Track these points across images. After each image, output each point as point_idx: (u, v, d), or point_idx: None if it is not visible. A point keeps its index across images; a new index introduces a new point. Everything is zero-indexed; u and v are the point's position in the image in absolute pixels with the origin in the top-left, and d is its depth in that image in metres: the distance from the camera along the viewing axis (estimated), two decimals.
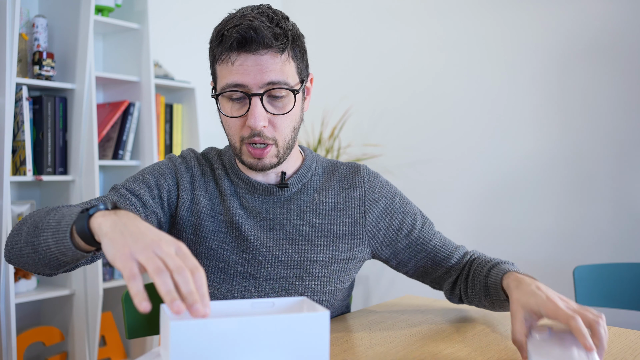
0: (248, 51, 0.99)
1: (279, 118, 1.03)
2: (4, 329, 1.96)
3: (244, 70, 1.00)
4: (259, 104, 1.01)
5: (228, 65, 1.01)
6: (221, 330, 0.67)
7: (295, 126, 1.08)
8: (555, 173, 2.46)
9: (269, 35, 0.99)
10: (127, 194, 1.06)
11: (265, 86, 1.00)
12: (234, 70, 1.00)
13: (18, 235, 0.93)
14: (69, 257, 0.85)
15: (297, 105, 1.06)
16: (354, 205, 1.14)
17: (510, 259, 2.56)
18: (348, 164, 1.20)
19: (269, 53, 1.00)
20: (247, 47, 0.99)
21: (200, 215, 1.11)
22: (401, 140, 2.94)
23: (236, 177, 1.14)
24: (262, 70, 1.00)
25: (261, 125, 1.01)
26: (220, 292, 1.10)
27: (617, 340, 1.03)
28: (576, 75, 2.42)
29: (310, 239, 1.11)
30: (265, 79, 1.00)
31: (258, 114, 1.00)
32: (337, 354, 0.94)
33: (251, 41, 0.98)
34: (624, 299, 1.77)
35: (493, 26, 2.65)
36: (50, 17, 2.29)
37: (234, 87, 1.01)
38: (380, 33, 3.03)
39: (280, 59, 1.01)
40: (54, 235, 0.84)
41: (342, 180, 1.17)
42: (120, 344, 2.44)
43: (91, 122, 2.22)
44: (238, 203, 1.12)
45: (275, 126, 1.04)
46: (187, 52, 2.87)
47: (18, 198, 2.27)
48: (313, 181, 1.16)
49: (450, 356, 0.94)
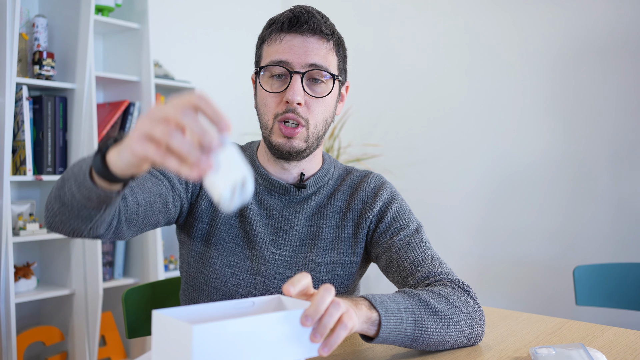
0: (297, 31, 1.05)
1: (315, 101, 1.06)
2: (4, 328, 1.96)
3: (290, 49, 1.05)
4: (299, 81, 1.04)
5: (276, 43, 1.06)
6: (240, 330, 0.68)
7: (327, 119, 1.10)
8: (556, 173, 2.46)
9: (319, 20, 1.06)
10: (158, 174, 1.07)
11: (308, 67, 1.05)
12: (281, 49, 1.05)
13: (50, 195, 0.92)
14: (94, 202, 0.83)
15: (333, 93, 1.09)
16: (357, 209, 1.15)
17: (511, 259, 2.57)
18: (361, 172, 1.21)
19: (315, 37, 1.06)
20: (297, 27, 1.05)
21: (216, 206, 1.12)
22: (401, 140, 2.94)
23: (256, 172, 1.15)
24: (307, 52, 1.05)
25: (298, 99, 1.04)
26: (227, 286, 1.10)
27: (617, 340, 1.03)
28: (576, 75, 2.42)
29: (316, 242, 1.12)
30: (309, 60, 1.05)
31: (297, 88, 1.04)
32: (337, 354, 0.94)
33: (303, 21, 1.04)
34: (624, 299, 1.77)
35: (493, 26, 2.65)
36: (50, 17, 2.29)
37: (278, 63, 1.05)
38: (380, 33, 3.03)
39: (326, 46, 1.07)
40: (76, 181, 0.83)
41: (351, 185, 1.18)
42: (120, 344, 2.44)
43: (91, 121, 2.22)
44: (254, 199, 1.13)
45: (309, 108, 1.06)
46: (187, 52, 2.87)
47: (18, 198, 2.27)
48: (328, 185, 1.17)
49: (450, 356, 0.94)
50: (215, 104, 0.64)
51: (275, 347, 0.70)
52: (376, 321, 0.86)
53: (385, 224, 1.12)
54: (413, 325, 0.89)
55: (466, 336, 0.96)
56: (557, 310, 2.38)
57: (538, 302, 2.48)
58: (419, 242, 1.09)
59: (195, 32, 2.90)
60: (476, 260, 2.68)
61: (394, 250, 1.09)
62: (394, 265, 1.08)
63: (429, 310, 0.92)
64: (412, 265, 1.06)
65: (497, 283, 2.62)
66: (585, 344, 0.98)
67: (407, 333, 0.89)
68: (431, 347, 0.93)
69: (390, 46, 2.99)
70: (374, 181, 1.18)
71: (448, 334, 0.93)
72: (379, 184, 1.18)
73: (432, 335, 0.91)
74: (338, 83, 1.11)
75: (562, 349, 0.88)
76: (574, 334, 1.06)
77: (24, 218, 2.15)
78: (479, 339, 0.99)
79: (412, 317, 0.90)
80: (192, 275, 1.14)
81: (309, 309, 0.73)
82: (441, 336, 0.92)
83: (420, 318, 0.91)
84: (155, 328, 0.71)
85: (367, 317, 0.84)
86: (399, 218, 1.13)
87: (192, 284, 1.14)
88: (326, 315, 0.74)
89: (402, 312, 0.89)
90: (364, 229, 1.14)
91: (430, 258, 1.07)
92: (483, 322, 0.99)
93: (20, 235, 2.08)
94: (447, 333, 0.93)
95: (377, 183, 1.18)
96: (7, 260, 1.96)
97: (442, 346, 0.94)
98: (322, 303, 0.73)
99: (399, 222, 1.12)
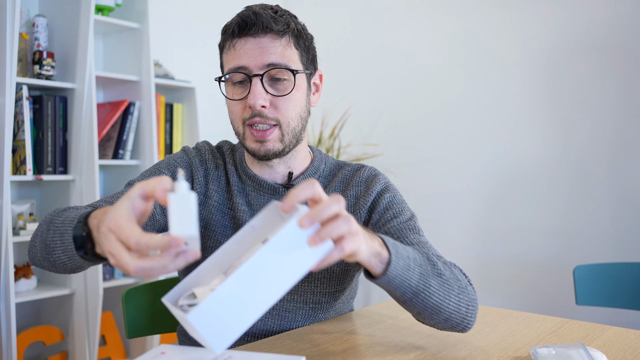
0: (248, 34, 1.03)
1: (280, 100, 1.05)
2: (4, 328, 1.96)
3: (245, 53, 1.03)
4: (259, 84, 1.03)
5: (231, 50, 1.05)
6: (234, 288, 0.66)
7: (301, 114, 1.08)
8: (556, 172, 2.46)
9: (268, 19, 1.03)
10: None
11: (266, 67, 1.03)
12: (236, 55, 1.04)
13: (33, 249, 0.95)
14: (88, 265, 0.87)
15: (299, 88, 1.07)
16: (350, 204, 1.13)
17: (511, 259, 2.57)
18: (353, 165, 1.19)
19: (268, 36, 1.03)
20: (247, 30, 1.03)
21: (212, 209, 1.12)
22: (401, 140, 2.94)
23: (244, 173, 1.14)
24: (262, 53, 1.03)
25: (260, 103, 1.02)
26: None
27: (617, 340, 1.03)
28: (576, 74, 2.42)
29: None
30: (265, 60, 1.03)
31: (257, 92, 1.02)
32: (337, 354, 0.94)
33: (251, 24, 1.02)
34: (624, 298, 1.77)
35: (494, 25, 2.65)
36: (50, 17, 2.29)
37: (236, 69, 1.04)
38: (380, 33, 3.03)
39: (281, 42, 1.04)
40: (65, 253, 0.84)
41: (343, 181, 1.16)
42: (120, 344, 2.44)
43: (91, 121, 2.22)
44: (244, 200, 1.12)
45: (277, 108, 1.05)
46: (187, 52, 2.87)
47: (18, 197, 2.27)
48: (319, 182, 1.15)
49: (450, 356, 0.94)
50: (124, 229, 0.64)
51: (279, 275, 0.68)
52: (385, 259, 0.83)
53: (379, 213, 1.11)
54: (418, 277, 0.87)
55: (461, 313, 0.93)
56: (557, 310, 2.38)
57: (538, 302, 2.48)
58: (412, 229, 1.07)
59: (195, 32, 2.90)
60: (476, 259, 2.68)
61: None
62: None
63: (435, 270, 0.91)
64: None
65: (497, 283, 2.61)
66: (585, 344, 0.98)
67: (412, 283, 0.86)
68: (427, 309, 0.90)
69: (390, 46, 2.99)
70: (366, 174, 1.16)
71: (447, 300, 0.91)
72: (372, 176, 1.15)
73: (432, 295, 0.89)
74: (304, 76, 1.09)
75: (562, 348, 0.87)
76: (574, 334, 1.06)
77: (24, 218, 2.15)
78: (471, 324, 0.96)
79: (419, 269, 0.88)
80: None
81: (311, 211, 0.68)
82: (441, 300, 0.90)
83: (427, 273, 0.89)
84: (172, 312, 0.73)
85: (378, 252, 0.82)
86: (392, 207, 1.11)
87: None
88: (332, 223, 0.70)
89: (411, 261, 0.87)
90: (359, 223, 1.12)
91: (425, 244, 1.05)
92: (477, 308, 0.97)
93: (20, 235, 2.08)
94: (446, 299, 0.90)
95: (369, 175, 1.15)
96: (7, 260, 1.96)
97: (437, 313, 0.91)
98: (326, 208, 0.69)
99: (392, 210, 1.10)
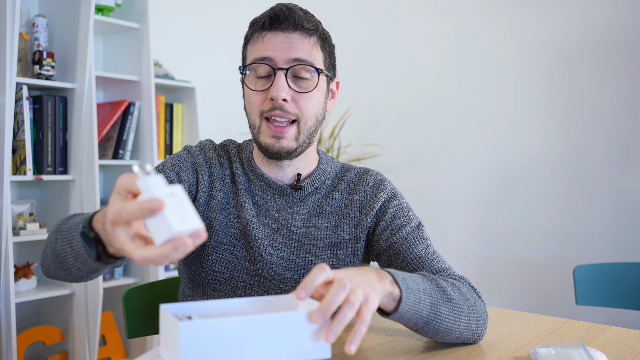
0: (278, 29, 1.04)
1: (302, 97, 1.05)
2: (4, 328, 1.96)
3: (272, 46, 1.04)
4: (283, 77, 1.03)
5: (258, 41, 1.05)
6: (229, 329, 0.67)
7: (318, 115, 1.09)
8: (556, 173, 2.46)
9: (301, 16, 1.04)
10: None
11: (292, 62, 1.03)
12: (263, 46, 1.04)
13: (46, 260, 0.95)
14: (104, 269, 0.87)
15: (320, 89, 1.07)
16: (356, 209, 1.13)
17: (511, 259, 2.57)
18: (358, 169, 1.19)
19: (297, 33, 1.04)
20: (278, 24, 1.04)
21: (215, 209, 1.11)
22: (401, 140, 2.94)
23: (252, 173, 1.14)
24: (290, 47, 1.03)
25: (282, 96, 1.02)
26: (225, 288, 1.09)
27: (617, 340, 1.03)
28: (577, 75, 2.42)
29: (315, 243, 1.11)
30: (292, 55, 1.03)
31: (281, 84, 1.02)
32: (337, 354, 0.94)
33: (283, 18, 1.03)
34: (624, 298, 1.77)
35: (494, 25, 2.65)
36: (50, 17, 2.29)
37: (261, 60, 1.04)
38: (380, 33, 3.03)
39: (309, 41, 1.05)
40: (77, 259, 0.85)
41: (349, 185, 1.16)
42: (120, 344, 2.44)
43: (91, 121, 2.21)
44: (251, 200, 1.12)
45: (297, 104, 1.05)
46: (187, 52, 2.87)
47: (18, 197, 2.27)
48: (325, 185, 1.16)
49: (450, 355, 0.94)
50: None
51: (268, 349, 0.69)
52: (397, 297, 0.84)
53: (386, 222, 1.11)
54: (429, 308, 0.89)
55: (471, 330, 0.96)
56: (557, 309, 2.38)
57: (538, 302, 2.48)
58: (420, 239, 1.09)
59: (195, 31, 2.90)
60: (476, 259, 2.68)
61: (396, 247, 1.08)
62: (396, 262, 1.07)
63: (444, 296, 0.92)
64: (415, 262, 1.05)
65: (497, 282, 2.61)
66: (585, 344, 0.98)
67: (423, 314, 0.88)
68: (439, 334, 0.92)
69: (390, 46, 2.99)
70: (373, 179, 1.16)
71: (457, 323, 0.93)
72: (378, 182, 1.16)
73: (443, 322, 0.91)
74: (325, 78, 1.09)
75: (562, 348, 0.87)
76: (574, 334, 1.06)
77: (24, 218, 2.15)
78: (481, 336, 0.99)
79: (429, 299, 0.89)
80: (191, 277, 1.13)
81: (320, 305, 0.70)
82: (451, 324, 0.92)
83: (437, 302, 0.90)
84: (161, 321, 0.73)
85: (389, 292, 0.83)
86: (400, 215, 1.12)
87: (191, 286, 1.14)
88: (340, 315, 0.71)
89: (421, 293, 0.88)
90: (364, 229, 1.12)
91: (433, 255, 1.06)
92: (486, 320, 0.99)
93: (20, 235, 2.08)
94: (457, 322, 0.93)
95: (376, 181, 1.16)
96: (7, 260, 1.96)
97: (449, 335, 0.94)
98: (334, 300, 0.71)
99: (399, 219, 1.11)
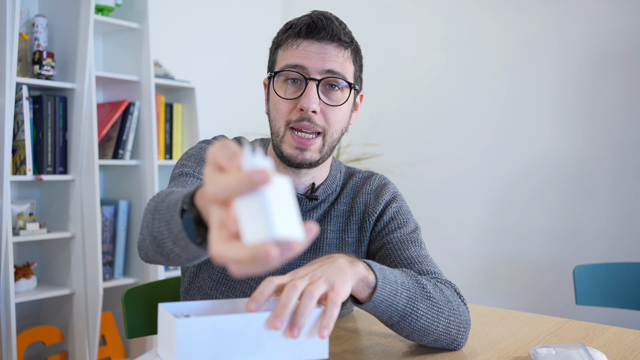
0: (314, 38, 1.02)
1: (331, 110, 1.03)
2: (4, 328, 1.96)
3: (307, 54, 1.01)
4: (314, 88, 1.01)
5: (292, 48, 1.03)
6: (226, 327, 0.68)
7: (343, 128, 1.07)
8: (555, 173, 2.46)
9: (338, 27, 1.02)
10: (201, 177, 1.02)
11: (325, 73, 1.01)
12: (297, 54, 1.02)
13: (143, 243, 0.86)
14: (206, 252, 0.79)
15: (349, 102, 1.06)
16: (359, 212, 1.13)
17: (511, 259, 2.57)
18: (364, 173, 1.19)
19: (334, 44, 1.02)
20: (315, 33, 1.01)
21: None
22: (401, 140, 2.94)
23: None
24: (324, 58, 1.01)
25: (313, 107, 1.00)
26: (234, 293, 1.09)
27: (617, 340, 1.03)
28: (577, 76, 2.42)
29: (320, 247, 1.11)
30: (326, 66, 1.01)
31: (312, 95, 1.00)
32: (337, 354, 0.94)
33: (321, 28, 1.01)
34: (624, 298, 1.77)
35: (494, 26, 2.65)
36: (50, 17, 2.29)
37: (294, 67, 1.01)
38: (380, 33, 3.03)
39: (343, 54, 1.03)
40: (176, 245, 0.76)
41: (354, 188, 1.16)
42: (120, 344, 2.44)
43: (91, 121, 2.21)
44: None
45: (326, 116, 1.03)
46: (187, 52, 2.87)
47: (18, 197, 2.27)
48: (335, 191, 1.15)
49: (450, 356, 0.94)
50: None
51: (264, 348, 0.69)
52: (372, 284, 0.83)
53: (383, 222, 1.12)
54: (406, 301, 0.87)
55: (451, 335, 0.93)
56: (557, 309, 2.38)
57: (538, 302, 2.48)
58: (414, 242, 1.08)
59: (195, 32, 2.90)
60: (476, 259, 2.68)
61: (389, 247, 1.08)
62: (387, 262, 1.07)
63: (424, 293, 0.90)
64: (405, 262, 1.04)
65: (497, 283, 2.62)
66: (585, 344, 0.98)
67: (399, 307, 0.86)
68: (416, 332, 0.90)
69: (390, 46, 2.99)
70: (376, 183, 1.17)
71: (435, 323, 0.91)
72: (381, 185, 1.16)
73: (420, 319, 0.89)
74: (354, 92, 1.08)
75: (562, 348, 0.87)
76: (574, 334, 1.06)
77: (24, 218, 2.15)
78: (461, 344, 0.96)
79: (407, 293, 0.88)
80: (197, 280, 1.13)
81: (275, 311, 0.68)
82: (429, 323, 0.90)
83: (414, 297, 0.89)
84: (159, 320, 0.72)
85: (364, 276, 0.82)
86: (398, 217, 1.12)
87: (197, 286, 1.13)
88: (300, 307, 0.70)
89: (399, 285, 0.87)
90: (367, 231, 1.13)
91: (424, 258, 1.05)
92: (468, 328, 0.96)
93: (20, 235, 2.08)
94: (435, 322, 0.90)
95: (380, 184, 1.16)
96: (7, 260, 1.96)
97: (425, 336, 0.91)
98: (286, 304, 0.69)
99: (397, 220, 1.11)
